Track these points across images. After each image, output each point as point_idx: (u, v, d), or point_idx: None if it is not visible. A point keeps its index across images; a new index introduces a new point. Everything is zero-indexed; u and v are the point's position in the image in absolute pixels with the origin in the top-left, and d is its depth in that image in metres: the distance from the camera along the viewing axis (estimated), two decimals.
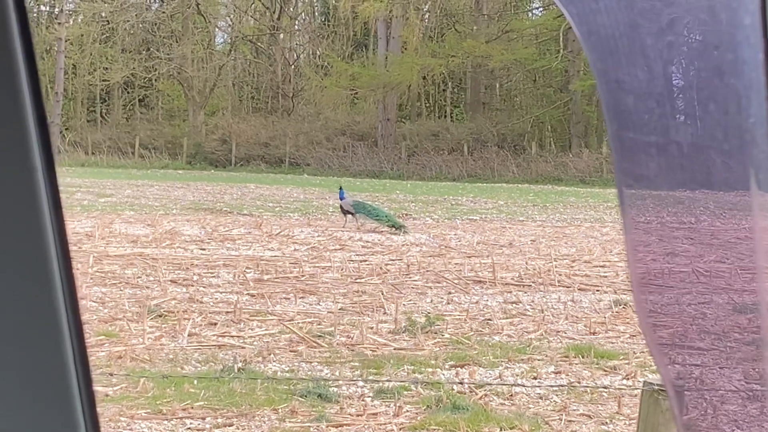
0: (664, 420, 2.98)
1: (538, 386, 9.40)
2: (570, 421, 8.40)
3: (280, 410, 8.41)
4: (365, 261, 16.62)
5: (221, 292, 13.55)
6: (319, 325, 11.77)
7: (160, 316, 11.87)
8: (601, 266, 16.63)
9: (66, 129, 49.46)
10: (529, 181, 41.18)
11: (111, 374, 9.32)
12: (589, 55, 1.43)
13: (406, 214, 25.36)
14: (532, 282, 14.83)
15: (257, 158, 46.64)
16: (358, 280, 14.77)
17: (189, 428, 8.03)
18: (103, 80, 50.63)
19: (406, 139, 47.05)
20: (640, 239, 1.76)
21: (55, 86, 48.54)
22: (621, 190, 1.55)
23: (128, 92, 53.29)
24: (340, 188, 23.71)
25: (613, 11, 1.41)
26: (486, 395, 9.05)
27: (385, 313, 12.51)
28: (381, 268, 15.93)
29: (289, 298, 13.30)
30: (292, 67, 54.92)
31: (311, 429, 8.02)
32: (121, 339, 10.75)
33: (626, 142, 1.46)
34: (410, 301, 13.39)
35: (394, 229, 21.23)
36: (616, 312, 12.74)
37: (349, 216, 22.30)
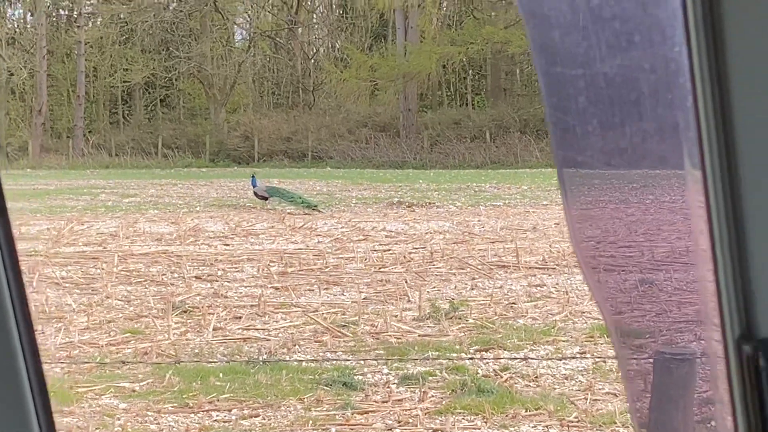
0: (675, 389, 2.99)
1: (562, 363, 9.41)
2: (596, 399, 8.40)
3: (305, 400, 8.45)
4: (389, 250, 16.62)
5: (245, 287, 13.59)
6: (343, 315, 11.80)
7: (185, 311, 11.92)
8: (626, 246, 16.57)
9: (89, 132, 49.63)
10: (552, 166, 40.89)
11: (136, 369, 9.39)
12: None
13: (430, 203, 25.32)
14: (557, 265, 14.81)
15: (280, 153, 46.63)
16: (381, 270, 14.78)
17: (215, 420, 8.07)
18: (124, 82, 50.79)
19: (429, 129, 46.96)
20: (665, 218, 1.76)
21: (77, 90, 48.73)
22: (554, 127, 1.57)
23: (149, 93, 53.38)
24: (252, 176, 25.30)
25: None
26: (511, 377, 9.06)
27: (409, 301, 12.52)
28: (404, 256, 15.93)
29: (313, 290, 13.33)
30: (312, 61, 54.90)
31: (337, 417, 8.05)
32: (147, 335, 10.81)
33: (553, 77, 1.48)
34: (434, 288, 13.40)
35: (310, 208, 22.36)
36: (642, 291, 12.71)
37: (264, 201, 24.05)
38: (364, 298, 12.73)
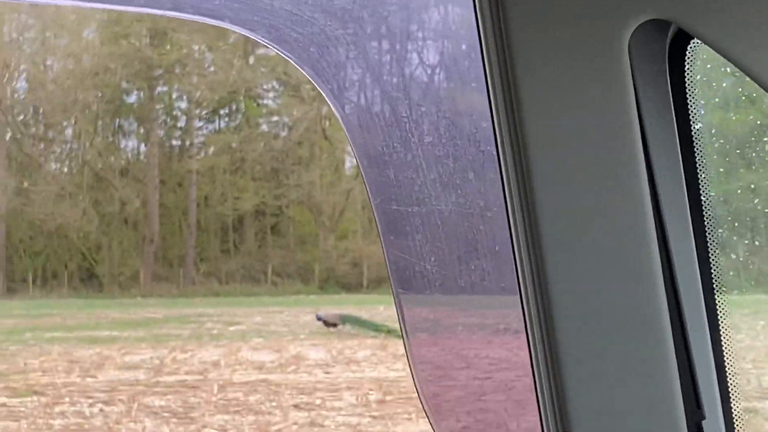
0: None
1: None
2: None
3: None
4: (489, 378, 16.36)
5: (343, 415, 13.45)
6: None
7: None
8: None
9: (200, 260, 50.32)
10: None
11: None
12: (348, 132, 1.44)
13: None
14: None
15: (389, 280, 46.70)
16: (481, 398, 14.53)
17: None
18: (234, 210, 51.60)
19: None
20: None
21: (188, 218, 49.63)
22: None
23: (259, 220, 54.07)
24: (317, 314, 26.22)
25: (367, 86, 1.41)
26: None
27: (507, 430, 12.24)
28: (506, 385, 15.65)
29: (410, 419, 13.14)
30: None
31: None
32: None
33: (390, 214, 1.48)
34: (534, 417, 13.11)
35: (389, 335, 22.50)
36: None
37: (332, 327, 24.45)
38: (462, 427, 12.49)
